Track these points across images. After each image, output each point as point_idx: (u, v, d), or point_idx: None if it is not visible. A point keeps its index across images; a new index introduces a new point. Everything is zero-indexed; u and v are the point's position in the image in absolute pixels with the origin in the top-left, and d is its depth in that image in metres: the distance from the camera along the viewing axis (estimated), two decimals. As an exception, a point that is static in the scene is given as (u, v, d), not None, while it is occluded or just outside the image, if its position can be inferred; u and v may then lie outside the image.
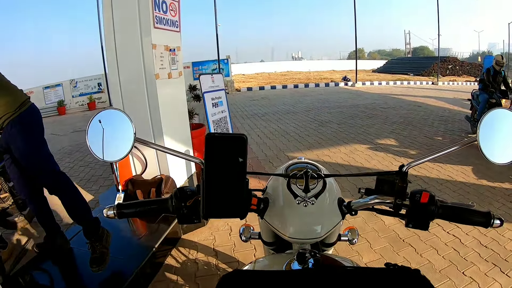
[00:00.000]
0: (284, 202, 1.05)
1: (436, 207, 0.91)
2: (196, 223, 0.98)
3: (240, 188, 0.89)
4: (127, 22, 3.64)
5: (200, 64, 19.81)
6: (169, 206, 0.98)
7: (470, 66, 33.48)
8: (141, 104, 3.77)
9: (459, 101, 14.15)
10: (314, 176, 1.04)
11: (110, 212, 0.97)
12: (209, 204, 0.88)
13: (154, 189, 3.70)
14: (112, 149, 0.98)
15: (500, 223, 0.90)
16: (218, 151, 0.86)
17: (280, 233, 1.03)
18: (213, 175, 0.87)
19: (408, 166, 0.93)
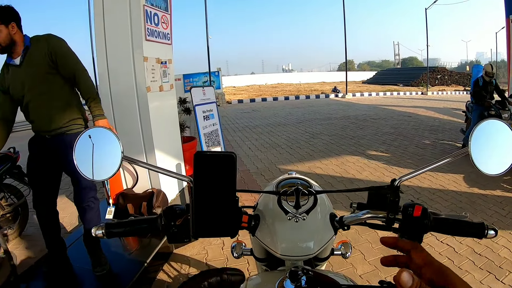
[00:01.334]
0: (275, 218, 1.03)
1: (429, 220, 0.90)
2: (186, 242, 0.96)
3: (230, 207, 0.88)
4: (118, 34, 3.63)
5: (191, 77, 19.84)
6: (159, 225, 0.95)
7: (459, 76, 34.04)
8: (132, 117, 3.75)
9: (448, 110, 14.32)
10: (305, 192, 1.03)
11: (99, 231, 0.94)
12: (199, 223, 0.87)
13: (145, 203, 3.66)
14: (100, 168, 0.95)
15: (494, 233, 0.90)
16: (207, 169, 0.84)
17: (271, 250, 1.01)
18: (203, 194, 0.86)
19: (400, 180, 0.92)
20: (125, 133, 3.80)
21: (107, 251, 3.08)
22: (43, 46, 2.58)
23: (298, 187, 1.02)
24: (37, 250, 3.54)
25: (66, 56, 2.68)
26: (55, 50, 2.60)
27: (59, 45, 2.66)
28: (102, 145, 0.96)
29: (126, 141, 3.83)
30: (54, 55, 2.59)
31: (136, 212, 3.69)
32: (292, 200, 1.02)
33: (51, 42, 2.62)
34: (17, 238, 3.86)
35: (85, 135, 0.96)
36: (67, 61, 2.67)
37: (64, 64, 2.64)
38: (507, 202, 4.53)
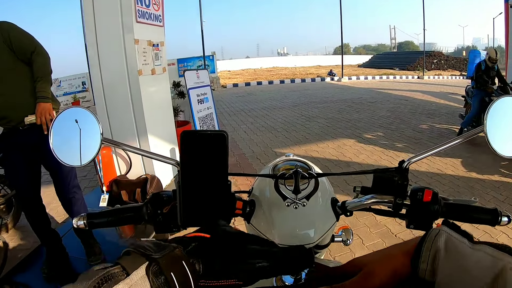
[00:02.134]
0: (272, 205, 0.95)
1: (440, 206, 0.82)
2: (175, 232, 0.88)
3: (221, 192, 0.80)
4: (108, 16, 3.53)
5: (186, 61, 19.60)
6: (144, 214, 0.87)
7: (455, 60, 33.95)
8: (124, 101, 3.67)
9: (445, 94, 14.26)
10: (305, 175, 0.95)
11: (80, 222, 0.85)
12: (187, 211, 0.79)
13: (139, 189, 3.60)
14: (78, 152, 0.86)
15: (508, 220, 0.81)
16: (196, 150, 0.76)
17: (268, 239, 0.94)
18: (191, 178, 0.77)
19: (409, 162, 0.83)
20: (118, 117, 3.72)
21: (102, 240, 3.04)
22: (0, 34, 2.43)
23: (298, 169, 0.94)
24: (31, 241, 3.47)
25: (21, 37, 2.54)
26: (9, 35, 2.46)
27: (11, 28, 2.52)
28: (80, 127, 0.87)
29: (118, 126, 3.76)
30: (9, 40, 2.45)
31: (130, 199, 3.63)
32: (291, 184, 0.93)
33: (6, 28, 2.48)
34: (12, 230, 3.79)
35: (61, 117, 0.87)
36: (23, 42, 2.53)
37: (21, 47, 2.51)
38: (505, 187, 4.50)
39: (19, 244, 3.53)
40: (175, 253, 0.55)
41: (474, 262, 0.49)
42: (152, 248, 0.54)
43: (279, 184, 0.95)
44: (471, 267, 0.49)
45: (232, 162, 5.79)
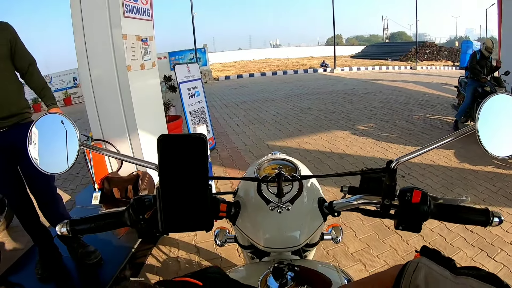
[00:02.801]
0: (256, 208, 0.95)
1: (429, 207, 0.81)
2: (158, 236, 0.87)
3: (202, 196, 0.79)
4: (95, 11, 3.48)
5: (177, 54, 19.47)
6: (126, 219, 0.86)
7: (447, 51, 34.02)
8: (114, 97, 3.63)
9: (437, 85, 14.29)
10: (288, 178, 0.93)
11: (63, 229, 0.84)
12: (168, 216, 0.78)
13: (131, 186, 3.58)
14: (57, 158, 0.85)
15: (499, 220, 0.80)
16: (174, 154, 0.75)
17: (254, 242, 0.93)
18: (170, 183, 0.76)
19: (397, 162, 0.82)
20: (107, 114, 3.69)
21: (94, 238, 3.01)
22: (6, 33, 2.45)
23: (281, 172, 0.93)
24: (25, 241, 3.44)
25: (23, 46, 2.58)
26: (16, 40, 2.50)
27: (17, 36, 2.55)
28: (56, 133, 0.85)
29: (108, 123, 3.73)
30: (15, 42, 2.48)
31: (122, 196, 3.61)
32: (274, 186, 0.92)
33: (13, 31, 2.51)
34: (4, 231, 3.75)
35: (39, 123, 0.85)
36: (25, 50, 2.58)
37: (23, 52, 2.56)
38: (498, 179, 4.52)
39: (12, 245, 3.50)
40: None
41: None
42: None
43: (262, 187, 0.93)
44: None
45: (225, 156, 5.77)
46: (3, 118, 2.42)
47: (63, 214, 2.83)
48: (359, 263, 2.88)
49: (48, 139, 0.84)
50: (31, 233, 2.76)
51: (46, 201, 2.73)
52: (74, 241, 2.86)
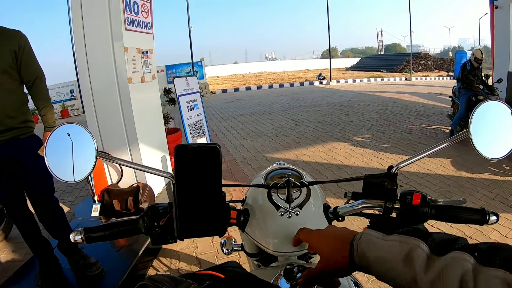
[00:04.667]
0: (265, 214, 0.98)
1: (428, 208, 0.87)
2: (171, 243, 0.89)
3: (216, 203, 0.82)
4: (97, 24, 3.51)
5: (174, 68, 19.58)
6: (141, 226, 0.89)
7: (442, 61, 34.38)
8: (114, 110, 3.65)
9: (433, 95, 14.44)
10: (297, 184, 0.97)
11: (78, 237, 0.86)
12: (183, 223, 0.81)
13: (131, 198, 3.57)
14: (73, 168, 0.87)
15: (495, 218, 0.87)
16: (190, 163, 0.78)
17: (263, 246, 0.95)
18: (186, 191, 0.79)
19: (397, 168, 0.88)
20: (108, 126, 3.70)
21: (95, 250, 2.99)
22: (13, 41, 2.37)
23: (289, 178, 0.96)
24: (23, 253, 3.44)
25: (33, 56, 2.51)
26: (24, 47, 2.42)
27: (28, 43, 2.48)
28: (74, 143, 0.87)
29: (108, 135, 3.74)
30: (22, 52, 2.40)
31: (122, 208, 3.60)
32: (283, 193, 0.96)
33: (22, 38, 2.44)
34: (3, 241, 3.74)
35: (56, 133, 0.87)
36: (33, 61, 2.50)
37: (29, 64, 2.47)
38: (495, 185, 4.56)
39: (11, 256, 3.49)
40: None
41: (387, 250, 0.61)
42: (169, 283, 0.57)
43: (272, 193, 0.96)
44: (387, 253, 0.61)
45: (224, 168, 5.73)
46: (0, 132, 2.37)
47: (65, 227, 2.81)
48: (361, 273, 2.88)
49: (65, 149, 0.86)
50: (31, 244, 2.72)
51: (46, 213, 2.70)
52: (75, 253, 2.83)
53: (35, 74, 2.51)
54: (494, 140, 0.82)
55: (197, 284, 0.60)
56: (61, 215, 2.81)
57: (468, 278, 0.49)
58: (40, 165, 2.48)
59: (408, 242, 0.60)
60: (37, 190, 2.61)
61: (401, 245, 0.60)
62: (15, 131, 2.44)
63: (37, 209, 2.68)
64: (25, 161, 2.48)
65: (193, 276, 0.66)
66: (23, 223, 2.66)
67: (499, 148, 0.81)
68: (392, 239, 0.63)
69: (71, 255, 2.84)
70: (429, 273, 0.54)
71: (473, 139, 0.80)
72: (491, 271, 0.48)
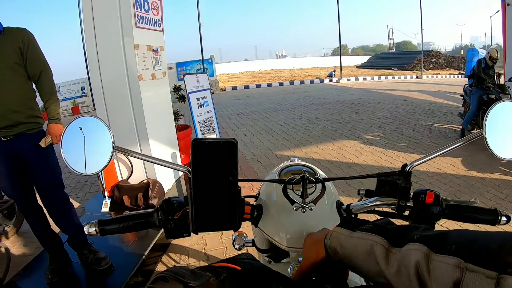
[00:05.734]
0: (280, 209, 0.99)
1: (441, 207, 0.87)
2: (185, 237, 0.90)
3: (232, 198, 0.82)
4: (108, 21, 3.54)
5: (184, 65, 19.63)
6: (155, 219, 0.90)
7: (453, 60, 33.99)
8: (125, 107, 3.68)
9: (443, 94, 14.29)
10: (312, 180, 0.97)
11: (92, 229, 0.87)
12: (198, 217, 0.81)
13: (141, 194, 3.60)
14: (90, 160, 0.88)
15: (507, 219, 0.89)
16: (207, 158, 0.78)
17: (276, 242, 0.96)
18: (202, 185, 0.79)
19: (412, 166, 0.88)
20: (118, 123, 3.73)
21: (104, 245, 3.02)
22: (17, 38, 2.41)
23: (305, 174, 0.97)
24: (34, 247, 3.49)
25: (37, 51, 2.54)
26: (29, 43, 2.45)
27: (33, 39, 2.52)
28: (91, 136, 0.89)
29: (119, 131, 3.77)
30: (27, 48, 2.44)
31: (132, 204, 3.63)
32: (297, 189, 0.97)
33: (26, 35, 2.47)
34: (14, 236, 3.80)
35: (73, 125, 0.89)
36: (38, 56, 2.53)
37: (34, 59, 2.50)
38: (505, 185, 4.51)
39: (22, 250, 3.55)
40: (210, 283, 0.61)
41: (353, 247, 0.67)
42: (189, 276, 0.59)
43: (287, 189, 0.97)
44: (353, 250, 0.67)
45: (233, 165, 5.78)
46: (7, 127, 2.39)
47: (74, 221, 2.84)
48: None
49: (81, 142, 0.88)
50: (41, 238, 2.76)
51: (55, 208, 2.73)
52: (84, 247, 2.87)
53: (40, 68, 2.54)
54: (508, 141, 0.81)
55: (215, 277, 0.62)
56: (71, 210, 2.83)
57: (422, 266, 0.53)
58: (48, 160, 2.62)
59: (368, 238, 0.65)
60: (46, 185, 2.65)
61: (363, 241, 0.66)
62: (22, 126, 2.46)
63: (46, 204, 2.71)
64: (33, 156, 2.52)
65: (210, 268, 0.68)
66: (33, 217, 2.70)
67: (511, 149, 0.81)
68: (355, 236, 0.68)
69: (80, 249, 2.87)
70: (390, 266, 0.58)
71: (487, 139, 0.80)
72: (442, 258, 0.52)
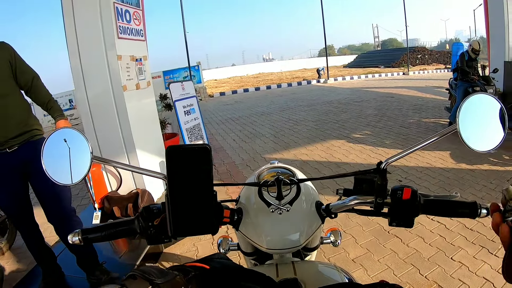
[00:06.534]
0: (257, 211, 1.00)
1: (419, 203, 0.87)
2: (166, 242, 0.92)
3: (208, 202, 0.84)
4: (90, 33, 3.55)
5: (171, 73, 19.61)
6: (136, 227, 0.91)
7: (439, 54, 34.45)
8: (111, 118, 3.68)
9: (430, 89, 14.46)
10: (286, 182, 0.99)
11: (75, 238, 0.88)
12: (176, 222, 0.83)
13: (131, 204, 3.60)
14: (70, 170, 0.90)
15: (487, 212, 0.86)
16: (182, 164, 0.80)
17: (257, 244, 0.97)
18: (178, 191, 0.81)
19: (387, 163, 0.88)
20: (105, 135, 3.73)
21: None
22: (6, 52, 2.40)
23: (279, 176, 0.98)
24: (27, 262, 3.46)
25: (24, 62, 2.54)
26: (15, 57, 2.45)
27: (17, 52, 2.50)
28: (70, 147, 0.90)
29: (106, 143, 3.77)
30: (15, 61, 2.43)
31: (122, 215, 3.62)
32: (274, 191, 0.98)
33: (11, 49, 2.46)
34: (7, 252, 3.77)
35: (52, 137, 0.91)
36: (26, 68, 2.53)
37: (24, 71, 2.50)
38: (495, 176, 4.58)
39: (15, 266, 3.52)
40: (176, 280, 0.63)
41: None
42: (155, 274, 0.62)
43: (263, 191, 0.99)
44: None
45: (223, 171, 5.80)
46: (13, 137, 2.40)
47: None
48: (361, 268, 2.90)
49: (61, 153, 0.90)
50: (35, 253, 2.71)
51: (61, 223, 2.64)
52: (95, 268, 2.78)
53: (31, 75, 2.54)
54: (482, 133, 0.81)
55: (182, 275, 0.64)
56: (78, 225, 2.72)
57: None
58: None
59: None
60: (50, 195, 2.58)
61: None
62: (27, 134, 2.47)
63: (51, 217, 2.64)
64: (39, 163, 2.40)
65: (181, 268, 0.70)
66: (29, 233, 2.64)
67: (488, 141, 0.81)
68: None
69: (91, 270, 2.78)
70: None
71: (461, 132, 0.80)
72: None
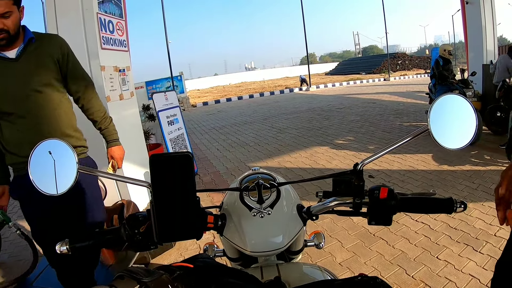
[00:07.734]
0: (240, 216, 1.02)
1: (396, 201, 0.90)
2: (152, 249, 0.94)
3: (191, 208, 0.87)
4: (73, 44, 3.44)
5: (154, 83, 19.51)
6: (122, 234, 0.93)
7: (419, 60, 35.18)
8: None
9: (411, 93, 14.73)
10: (266, 186, 1.02)
11: (63, 247, 0.89)
12: (161, 228, 0.85)
13: (116, 215, 3.57)
14: (56, 181, 0.91)
15: (464, 207, 0.90)
16: (165, 172, 0.83)
17: (241, 248, 0.99)
18: (162, 198, 0.84)
19: (362, 164, 0.92)
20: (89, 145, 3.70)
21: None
22: (54, 49, 1.97)
23: (259, 181, 1.02)
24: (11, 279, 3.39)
25: (78, 64, 2.15)
26: (68, 57, 2.04)
27: (71, 51, 2.10)
28: (55, 158, 0.92)
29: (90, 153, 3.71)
30: (66, 62, 2.02)
31: (108, 226, 3.59)
32: (256, 196, 1.01)
33: (64, 46, 2.05)
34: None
35: (38, 149, 0.92)
36: (80, 69, 2.16)
37: (77, 75, 2.11)
38: (476, 176, 4.68)
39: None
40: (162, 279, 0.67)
41: None
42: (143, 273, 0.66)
43: (244, 196, 1.02)
44: None
45: (207, 180, 5.79)
46: None
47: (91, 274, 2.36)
48: (348, 271, 2.92)
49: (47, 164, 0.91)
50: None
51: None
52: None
53: (84, 83, 2.18)
54: (454, 131, 0.86)
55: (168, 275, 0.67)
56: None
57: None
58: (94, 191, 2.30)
59: None
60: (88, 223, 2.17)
61: None
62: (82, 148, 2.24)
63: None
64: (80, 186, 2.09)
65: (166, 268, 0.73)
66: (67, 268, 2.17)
67: (460, 139, 0.85)
68: None
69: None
70: None
71: (432, 131, 0.84)
72: None
